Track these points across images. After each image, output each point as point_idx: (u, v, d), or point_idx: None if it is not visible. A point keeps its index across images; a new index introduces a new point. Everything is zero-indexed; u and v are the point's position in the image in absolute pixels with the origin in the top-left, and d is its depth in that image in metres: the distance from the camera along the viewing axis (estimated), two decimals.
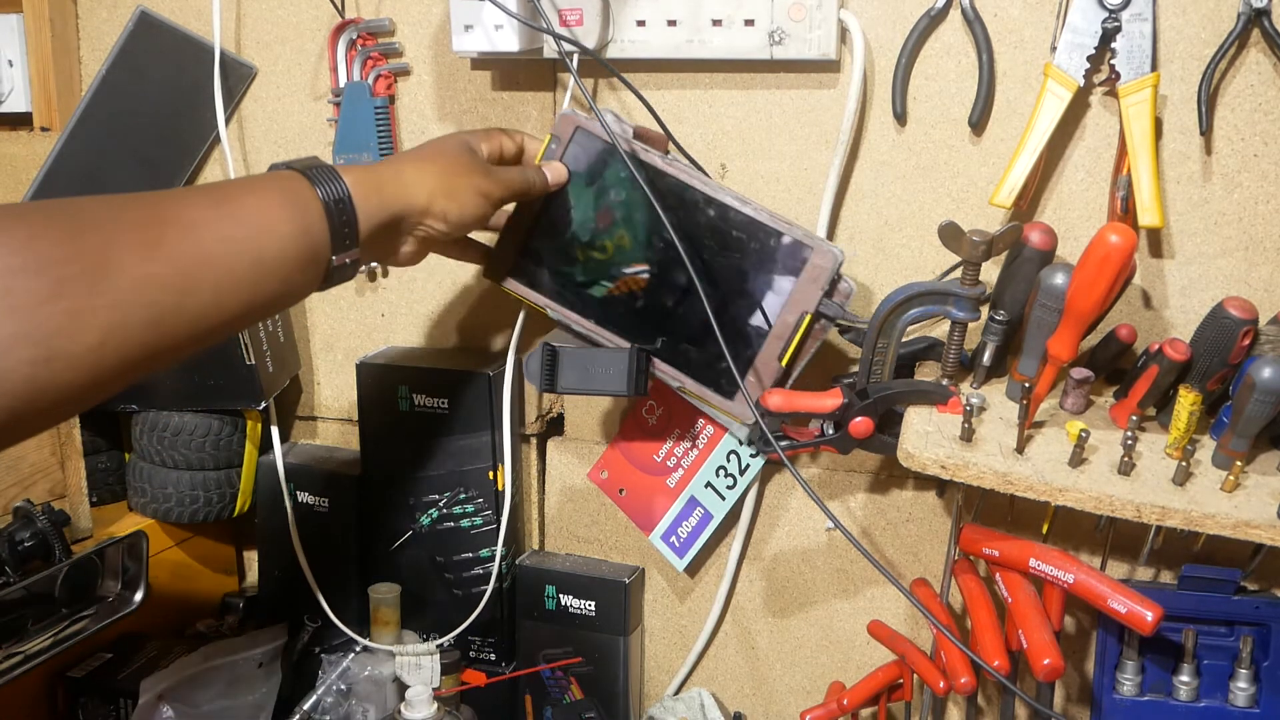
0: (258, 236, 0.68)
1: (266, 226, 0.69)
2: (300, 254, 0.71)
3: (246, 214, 0.68)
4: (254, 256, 0.68)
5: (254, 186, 0.71)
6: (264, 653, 1.05)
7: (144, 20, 1.11)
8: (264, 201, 0.69)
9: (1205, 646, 0.86)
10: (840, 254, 0.85)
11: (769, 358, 0.88)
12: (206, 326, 0.66)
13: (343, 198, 0.73)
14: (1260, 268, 0.87)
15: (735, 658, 1.11)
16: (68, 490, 1.05)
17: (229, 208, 0.67)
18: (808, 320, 0.87)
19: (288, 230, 0.70)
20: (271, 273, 0.69)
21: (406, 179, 0.79)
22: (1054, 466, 0.80)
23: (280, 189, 0.71)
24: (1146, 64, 0.84)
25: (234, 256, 0.66)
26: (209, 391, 1.07)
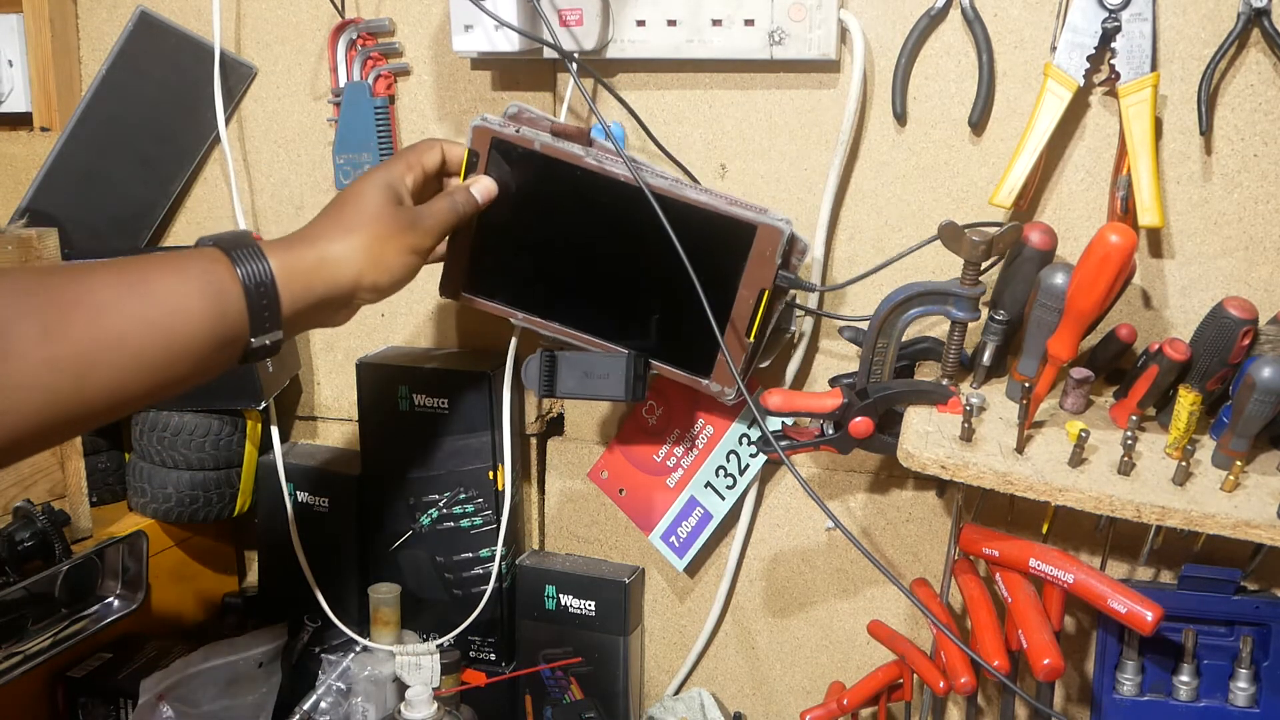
0: (170, 320, 0.67)
1: (180, 310, 0.67)
2: (215, 337, 0.69)
3: (160, 296, 0.66)
4: (164, 341, 0.66)
5: (172, 266, 0.69)
6: (264, 653, 1.05)
7: (144, 20, 1.11)
8: (180, 283, 0.68)
9: (1205, 646, 0.86)
10: (786, 225, 0.83)
11: (735, 334, 0.87)
12: (105, 408, 0.65)
13: (265, 281, 0.71)
14: (1260, 268, 0.87)
15: (735, 658, 1.11)
16: (68, 490, 1.04)
17: (142, 289, 0.66)
18: (766, 296, 0.85)
19: (203, 314, 0.68)
20: (182, 355, 0.68)
21: (332, 258, 0.76)
22: (1054, 466, 0.80)
23: (199, 271, 0.69)
24: (1146, 64, 0.84)
25: (142, 339, 0.65)
26: (209, 391, 1.07)
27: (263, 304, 0.71)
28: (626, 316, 0.92)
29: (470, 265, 0.93)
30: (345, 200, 0.80)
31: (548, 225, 0.91)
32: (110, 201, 1.14)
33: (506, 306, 0.94)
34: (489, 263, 0.93)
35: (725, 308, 0.86)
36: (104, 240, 1.14)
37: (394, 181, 0.82)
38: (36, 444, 0.63)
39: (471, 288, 0.94)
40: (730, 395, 0.90)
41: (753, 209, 0.84)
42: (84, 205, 1.13)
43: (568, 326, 0.93)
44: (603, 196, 0.87)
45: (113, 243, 1.14)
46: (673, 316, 0.88)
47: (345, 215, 0.79)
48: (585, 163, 0.86)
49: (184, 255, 0.70)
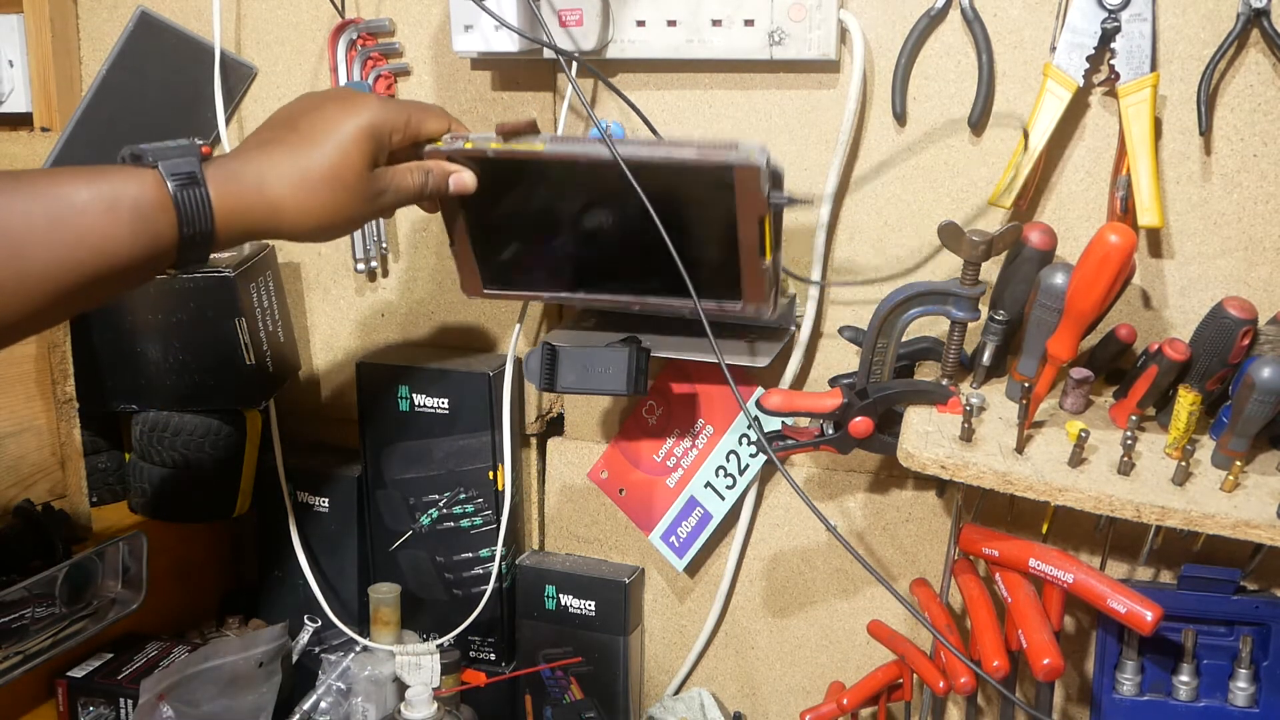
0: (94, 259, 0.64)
1: (107, 250, 0.64)
2: (138, 267, 0.66)
3: (88, 236, 0.63)
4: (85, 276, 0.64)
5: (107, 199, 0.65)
6: (264, 653, 1.05)
7: (144, 20, 1.11)
8: (112, 224, 0.64)
9: (1205, 646, 0.86)
10: (762, 152, 0.78)
11: (750, 262, 0.85)
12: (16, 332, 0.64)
13: (204, 228, 0.67)
14: (1260, 268, 0.87)
15: (735, 658, 1.11)
16: (68, 490, 1.04)
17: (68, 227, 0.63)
18: (767, 220, 0.83)
19: (130, 253, 0.65)
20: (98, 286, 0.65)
21: (283, 209, 0.71)
22: (1054, 466, 0.80)
23: (135, 211, 0.65)
24: (1146, 64, 0.84)
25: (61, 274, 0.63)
26: (209, 391, 1.07)
27: (195, 242, 0.68)
28: (645, 270, 0.89)
29: (480, 266, 0.93)
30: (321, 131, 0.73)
31: (537, 214, 0.89)
32: None
33: (529, 291, 0.93)
34: (497, 260, 0.92)
35: (732, 239, 0.84)
36: None
37: (382, 134, 0.75)
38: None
39: (490, 284, 0.94)
40: (767, 309, 0.88)
41: (724, 147, 0.79)
42: None
43: (593, 294, 0.92)
44: (577, 175, 0.85)
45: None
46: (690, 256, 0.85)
47: (314, 159, 0.72)
48: (544, 155, 0.83)
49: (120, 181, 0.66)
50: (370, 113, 0.74)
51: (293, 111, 0.76)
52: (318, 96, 0.76)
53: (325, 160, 0.72)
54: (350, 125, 0.73)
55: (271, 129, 0.74)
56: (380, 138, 0.75)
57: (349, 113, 0.74)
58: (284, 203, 0.71)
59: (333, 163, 0.72)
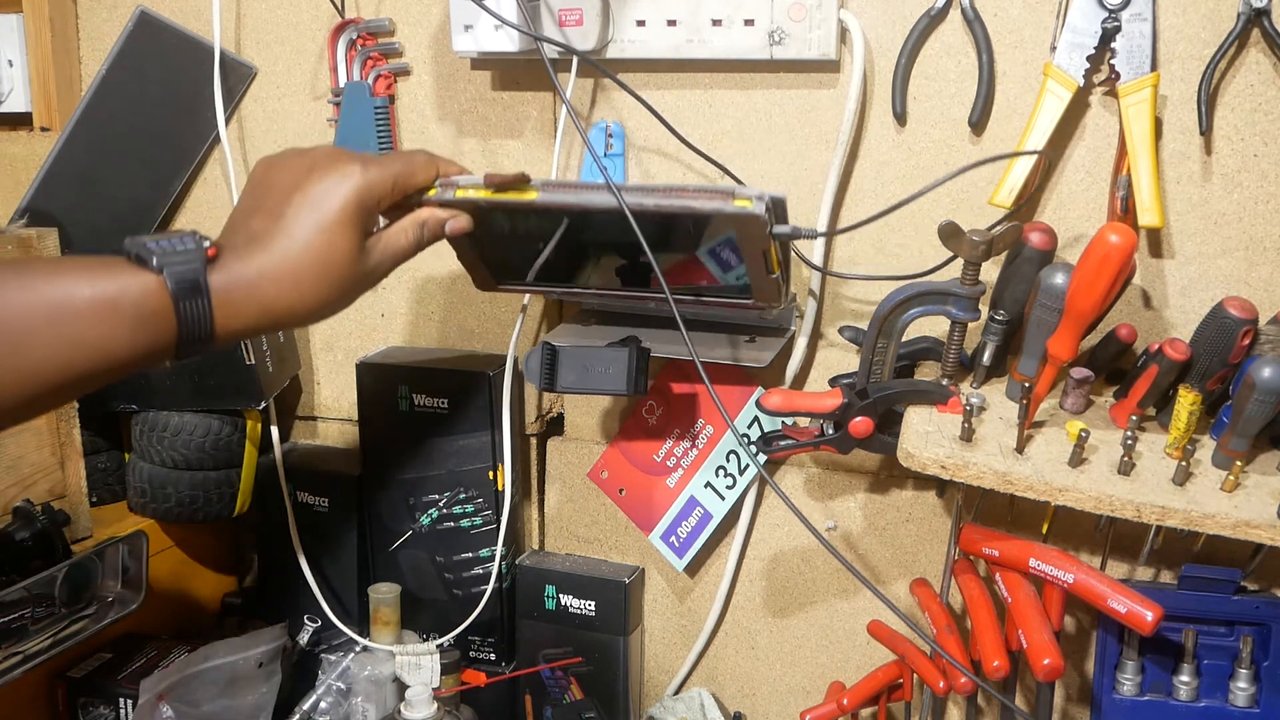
0: (94, 358, 0.64)
1: (106, 351, 0.64)
2: (137, 366, 0.67)
3: (87, 338, 0.64)
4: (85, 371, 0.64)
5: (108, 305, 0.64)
6: (264, 653, 1.05)
7: (144, 20, 1.11)
8: (113, 328, 0.65)
9: (1205, 646, 0.86)
10: (761, 200, 0.77)
11: (759, 277, 0.84)
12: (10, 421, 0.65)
13: (204, 333, 0.68)
14: (1260, 268, 0.87)
15: (735, 658, 1.11)
16: (68, 490, 1.04)
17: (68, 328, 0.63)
18: (772, 249, 0.82)
19: (129, 354, 0.66)
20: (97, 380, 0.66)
21: (278, 308, 0.70)
22: (1054, 466, 0.80)
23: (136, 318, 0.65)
24: (1146, 64, 0.84)
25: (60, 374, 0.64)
26: (209, 391, 1.07)
27: (194, 344, 0.68)
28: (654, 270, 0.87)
29: (489, 269, 0.92)
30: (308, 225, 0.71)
31: (538, 237, 0.89)
32: (110, 201, 1.14)
33: (540, 288, 0.93)
34: (500, 264, 0.92)
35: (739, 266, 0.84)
36: (104, 240, 1.14)
37: (369, 207, 0.74)
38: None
39: (501, 280, 0.93)
40: (778, 308, 0.88)
41: (723, 195, 0.78)
42: (84, 205, 1.13)
43: (604, 290, 0.91)
44: (574, 219, 0.85)
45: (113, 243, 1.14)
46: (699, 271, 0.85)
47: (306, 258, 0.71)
48: (537, 204, 0.81)
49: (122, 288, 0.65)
50: (354, 183, 0.73)
51: (274, 188, 0.73)
52: (301, 166, 0.74)
53: (315, 256, 0.71)
54: (335, 206, 0.72)
55: (257, 215, 0.72)
56: (368, 209, 0.74)
57: (333, 189, 0.72)
58: (279, 303, 0.71)
59: (323, 257, 0.72)
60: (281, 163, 0.75)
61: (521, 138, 1.05)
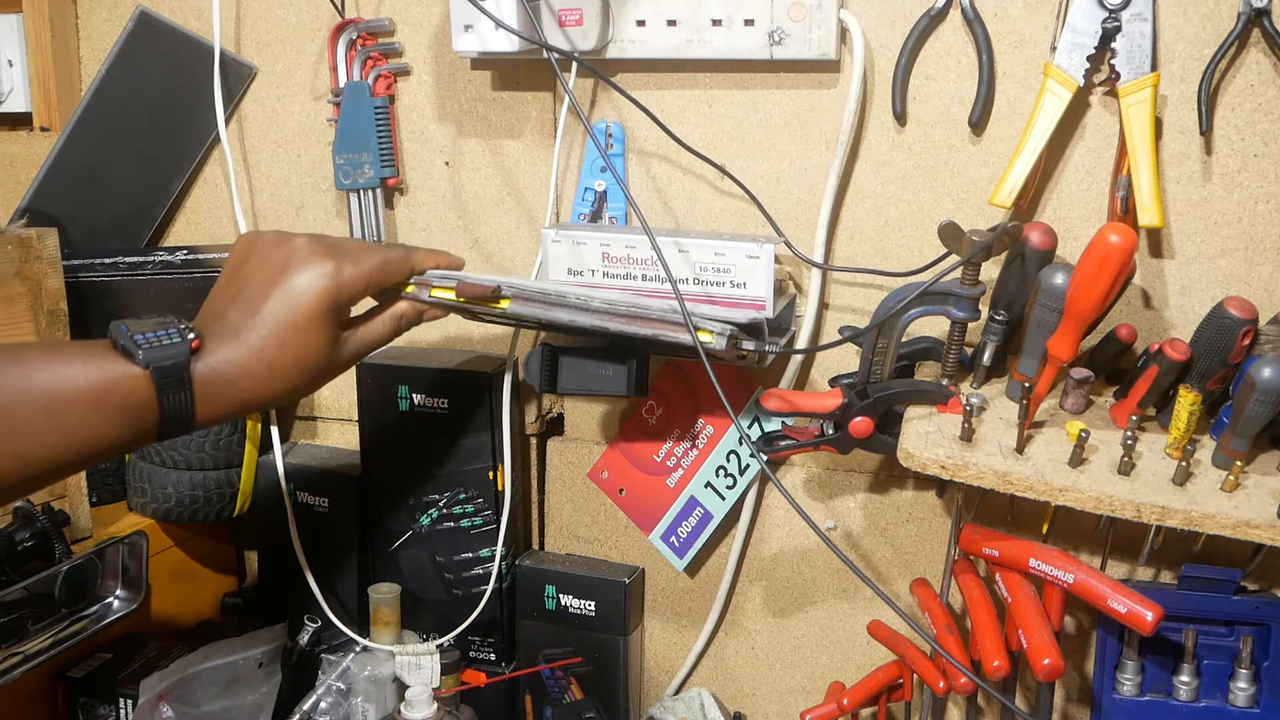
0: (85, 447, 0.68)
1: (96, 439, 0.69)
2: (124, 449, 0.72)
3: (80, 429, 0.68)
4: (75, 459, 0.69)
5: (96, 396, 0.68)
6: (264, 653, 1.05)
7: (144, 20, 1.11)
8: (102, 419, 0.68)
9: (1205, 646, 0.86)
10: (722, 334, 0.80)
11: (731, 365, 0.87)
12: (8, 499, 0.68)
13: (184, 417, 0.72)
14: (1260, 268, 0.87)
15: (735, 658, 1.11)
16: (68, 490, 1.04)
17: (62, 419, 0.67)
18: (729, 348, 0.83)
19: (117, 440, 0.70)
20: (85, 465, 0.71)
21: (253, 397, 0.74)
22: (1054, 466, 0.80)
23: (123, 408, 0.69)
24: (1146, 64, 0.84)
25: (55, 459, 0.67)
26: None
27: (176, 428, 0.72)
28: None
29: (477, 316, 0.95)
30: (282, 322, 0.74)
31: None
32: (110, 201, 1.14)
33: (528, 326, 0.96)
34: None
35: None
36: (104, 240, 1.14)
37: (342, 302, 0.77)
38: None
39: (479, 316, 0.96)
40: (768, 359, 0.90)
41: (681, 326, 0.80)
42: (84, 205, 1.13)
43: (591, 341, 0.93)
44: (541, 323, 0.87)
45: (112, 243, 1.14)
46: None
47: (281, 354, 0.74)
48: (508, 314, 0.85)
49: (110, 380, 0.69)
50: (327, 283, 0.76)
51: (255, 279, 0.76)
52: (279, 259, 0.76)
53: (291, 351, 0.75)
54: (309, 304, 0.75)
55: (236, 305, 0.75)
56: (340, 306, 0.77)
57: (308, 286, 0.75)
58: (255, 394, 0.75)
59: (297, 352, 0.75)
60: (262, 251, 0.77)
61: (521, 138, 1.05)
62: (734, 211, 1.00)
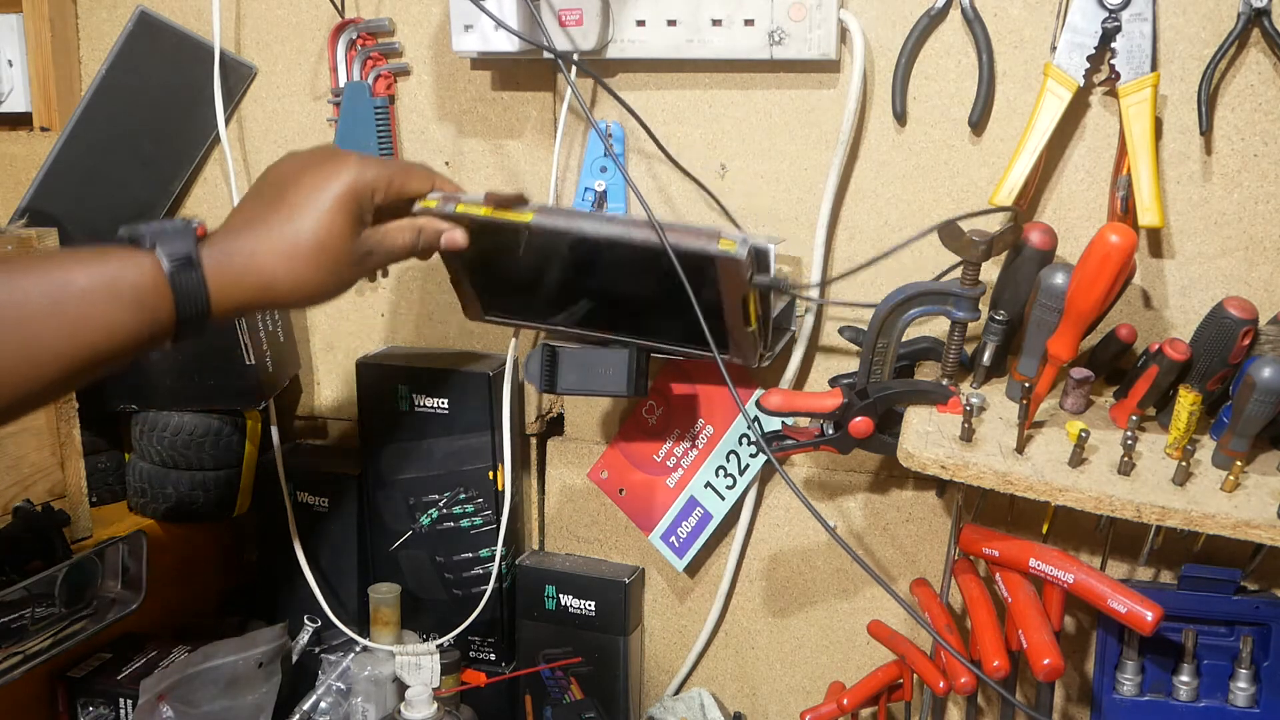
0: (98, 339, 0.67)
1: (110, 331, 0.67)
2: (140, 347, 0.69)
3: (92, 319, 0.66)
4: (89, 356, 0.67)
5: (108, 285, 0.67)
6: (264, 653, 1.05)
7: (144, 20, 1.11)
8: (114, 308, 0.67)
9: (1205, 646, 0.86)
10: (744, 244, 0.80)
11: (737, 328, 0.87)
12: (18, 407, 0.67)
13: (199, 305, 0.70)
14: (1260, 268, 0.87)
15: (735, 658, 1.11)
16: (68, 490, 1.04)
17: (73, 311, 0.66)
18: (751, 299, 0.85)
19: (131, 334, 0.68)
20: (104, 362, 0.68)
21: (275, 282, 0.73)
22: (1054, 466, 0.80)
23: (136, 295, 0.68)
24: (1146, 64, 0.84)
25: (69, 356, 0.66)
26: (209, 391, 1.07)
27: (192, 319, 0.71)
28: (637, 314, 0.92)
29: (479, 295, 0.95)
30: (305, 208, 0.74)
31: (531, 267, 0.91)
32: (110, 201, 1.14)
33: (526, 322, 0.96)
34: (495, 293, 0.95)
35: (718, 310, 0.86)
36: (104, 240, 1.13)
37: (364, 196, 0.76)
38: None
39: (490, 311, 0.96)
40: (754, 363, 0.90)
41: (708, 236, 0.81)
42: (84, 205, 1.13)
43: (589, 330, 0.93)
44: (561, 247, 0.87)
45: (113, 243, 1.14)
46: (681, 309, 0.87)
47: (301, 233, 0.73)
48: (531, 226, 0.84)
49: (118, 267, 0.68)
50: (350, 174, 0.76)
51: (275, 180, 0.77)
52: (298, 162, 0.77)
53: (310, 233, 0.74)
54: (330, 192, 0.75)
55: (257, 203, 0.76)
56: (361, 199, 0.76)
57: (328, 178, 0.75)
58: (275, 277, 0.73)
59: (318, 234, 0.74)
60: (280, 163, 0.78)
61: (522, 138, 1.05)
62: (735, 211, 1.00)
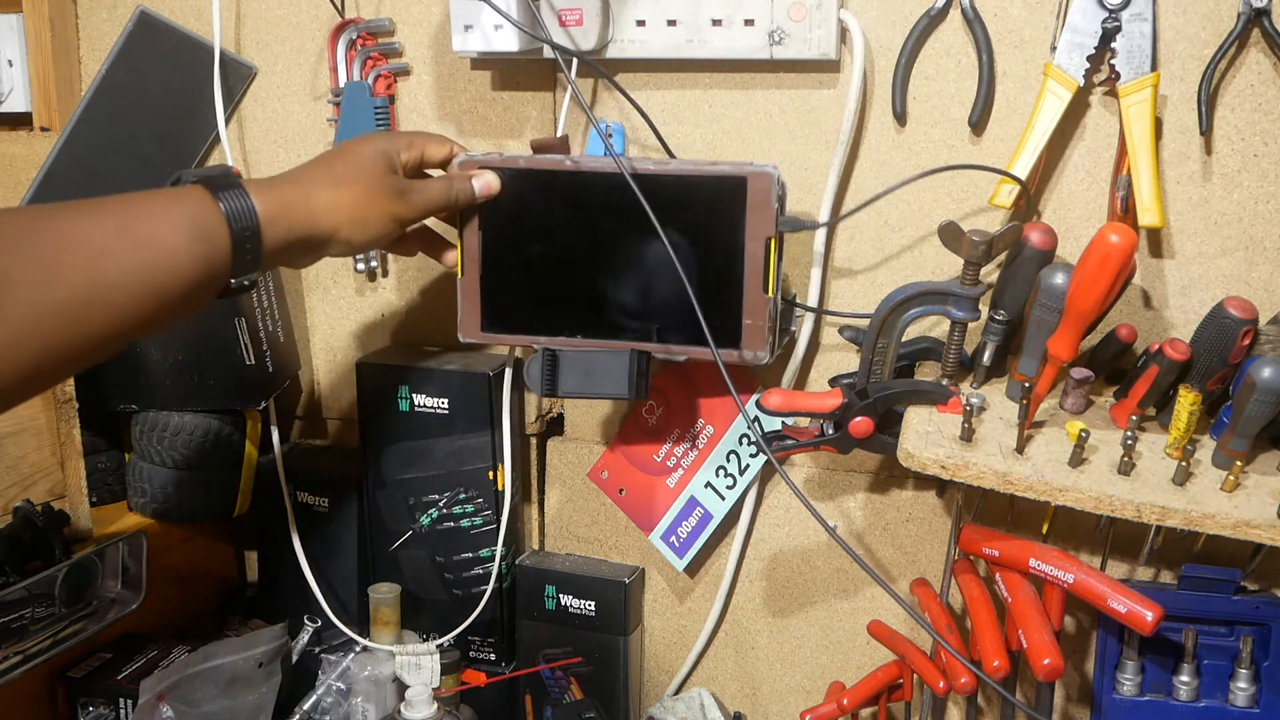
0: (160, 264, 0.68)
1: (170, 254, 0.68)
2: (201, 278, 0.70)
3: (151, 241, 0.67)
4: (155, 284, 0.67)
5: (161, 210, 0.69)
6: (264, 653, 1.05)
7: (144, 20, 1.11)
8: (170, 228, 0.69)
9: (1205, 646, 0.86)
10: (775, 169, 0.85)
11: (754, 293, 0.88)
12: (99, 346, 0.66)
13: (250, 224, 0.72)
14: (1260, 268, 0.87)
15: (735, 658, 1.11)
16: (68, 490, 1.04)
17: (133, 235, 0.67)
18: (774, 243, 0.87)
19: (191, 258, 0.69)
20: (170, 297, 0.69)
21: (317, 205, 0.78)
22: (1054, 466, 0.80)
23: (188, 215, 0.70)
24: (1146, 64, 0.84)
25: (135, 284, 0.66)
26: (209, 391, 1.07)
27: (246, 244, 0.73)
28: (645, 314, 0.91)
29: (483, 304, 0.95)
30: (338, 154, 0.83)
31: (548, 242, 0.92)
32: None
33: (526, 336, 0.95)
34: (499, 298, 0.95)
35: (737, 270, 0.87)
36: None
37: (390, 151, 0.84)
38: (32, 388, 0.63)
39: (488, 326, 0.96)
40: (765, 356, 0.89)
41: (735, 164, 0.86)
42: None
43: (590, 338, 0.93)
44: (596, 196, 0.89)
45: None
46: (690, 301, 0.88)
47: (336, 167, 0.81)
48: (566, 166, 0.89)
49: (172, 197, 0.71)
50: (377, 136, 0.86)
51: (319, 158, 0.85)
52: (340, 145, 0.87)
53: (346, 165, 0.81)
54: (362, 143, 0.84)
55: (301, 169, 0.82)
56: (390, 151, 0.84)
57: (361, 138, 0.85)
58: (316, 196, 0.78)
59: (353, 166, 0.81)
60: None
61: (522, 138, 1.05)
62: None
